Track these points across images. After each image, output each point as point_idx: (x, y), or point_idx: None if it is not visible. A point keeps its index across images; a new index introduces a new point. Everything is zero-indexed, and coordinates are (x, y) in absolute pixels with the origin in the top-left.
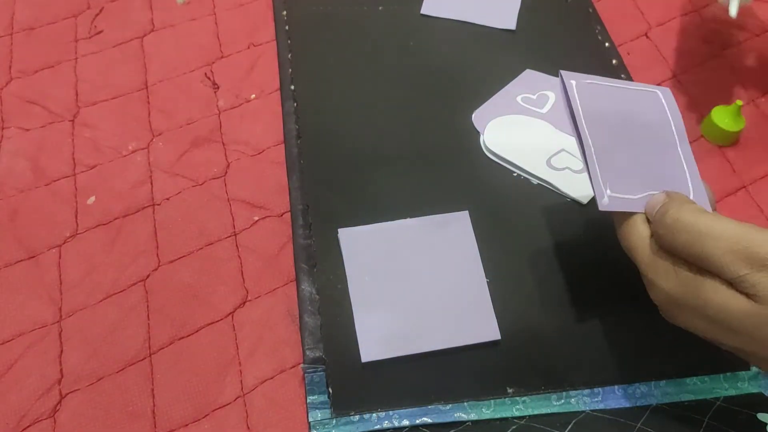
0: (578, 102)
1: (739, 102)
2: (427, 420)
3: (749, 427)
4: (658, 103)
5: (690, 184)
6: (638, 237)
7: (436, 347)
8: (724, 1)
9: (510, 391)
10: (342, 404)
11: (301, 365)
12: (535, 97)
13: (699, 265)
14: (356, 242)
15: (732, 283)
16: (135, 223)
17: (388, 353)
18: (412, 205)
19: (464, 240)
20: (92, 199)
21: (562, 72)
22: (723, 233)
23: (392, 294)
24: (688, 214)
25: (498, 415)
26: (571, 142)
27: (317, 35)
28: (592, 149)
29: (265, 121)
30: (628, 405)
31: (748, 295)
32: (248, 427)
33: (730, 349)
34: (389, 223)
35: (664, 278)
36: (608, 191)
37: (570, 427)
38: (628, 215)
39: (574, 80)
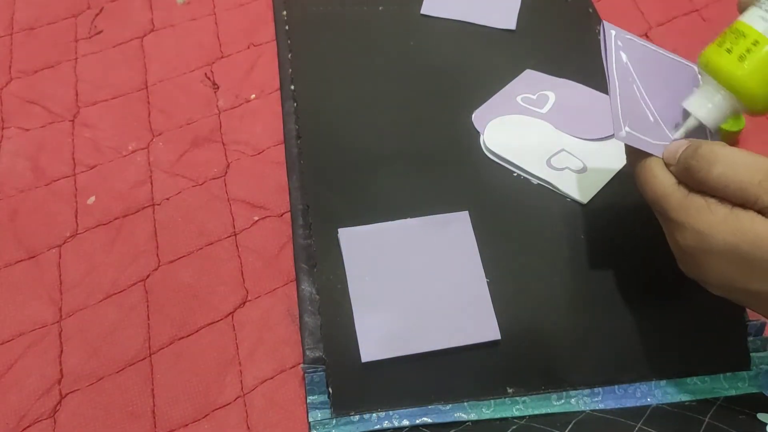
0: (614, 49)
1: None
2: (427, 420)
3: (749, 427)
4: (693, 76)
5: None
6: (664, 183)
7: (436, 347)
8: None
9: (510, 391)
10: (342, 404)
11: (301, 365)
12: (535, 97)
13: (732, 197)
14: (356, 242)
15: (766, 213)
16: (135, 223)
17: (389, 353)
18: (412, 205)
19: (464, 240)
20: (92, 199)
21: (604, 22)
22: (756, 163)
23: (392, 294)
24: (721, 147)
25: (498, 415)
26: (571, 142)
27: (317, 35)
28: (618, 90)
29: (265, 121)
30: (628, 405)
31: None
32: (248, 427)
33: (753, 301)
34: (389, 223)
35: (696, 218)
36: (626, 127)
37: (570, 427)
38: (647, 167)
39: (614, 31)
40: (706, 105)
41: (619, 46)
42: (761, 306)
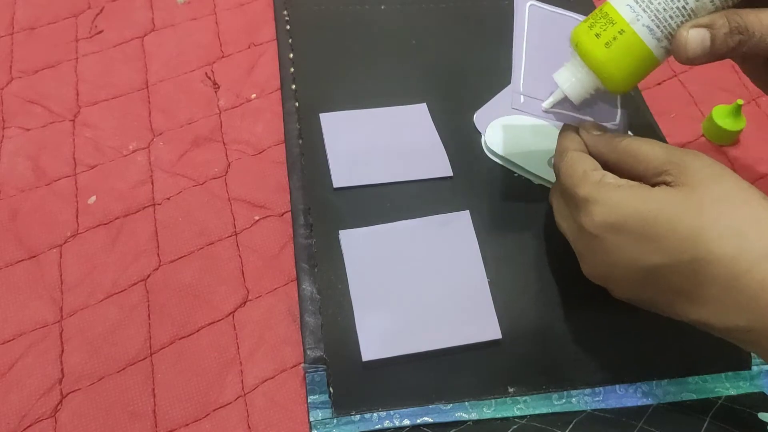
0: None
1: (740, 101)
2: (428, 419)
3: (751, 427)
4: None
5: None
6: (586, 168)
7: (437, 346)
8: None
9: (511, 390)
10: (343, 404)
11: (302, 365)
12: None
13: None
14: (357, 244)
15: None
16: (136, 223)
17: (389, 352)
18: (413, 205)
19: (465, 240)
20: (93, 198)
21: None
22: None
23: (394, 294)
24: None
25: (499, 415)
26: None
27: (319, 34)
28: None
29: (265, 120)
30: (629, 404)
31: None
32: (249, 427)
33: (652, 291)
34: (390, 224)
35: (609, 192)
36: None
37: (571, 426)
38: (575, 157)
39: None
40: (570, 79)
41: (532, 16)
42: (659, 296)
